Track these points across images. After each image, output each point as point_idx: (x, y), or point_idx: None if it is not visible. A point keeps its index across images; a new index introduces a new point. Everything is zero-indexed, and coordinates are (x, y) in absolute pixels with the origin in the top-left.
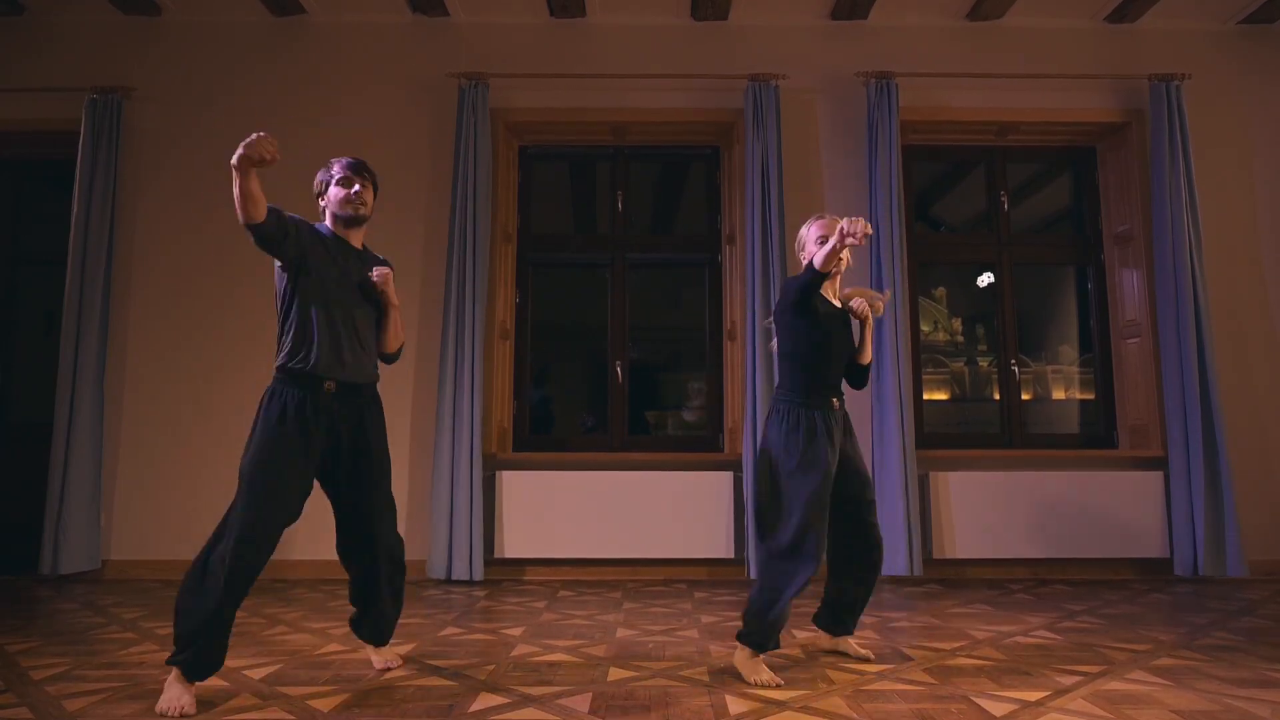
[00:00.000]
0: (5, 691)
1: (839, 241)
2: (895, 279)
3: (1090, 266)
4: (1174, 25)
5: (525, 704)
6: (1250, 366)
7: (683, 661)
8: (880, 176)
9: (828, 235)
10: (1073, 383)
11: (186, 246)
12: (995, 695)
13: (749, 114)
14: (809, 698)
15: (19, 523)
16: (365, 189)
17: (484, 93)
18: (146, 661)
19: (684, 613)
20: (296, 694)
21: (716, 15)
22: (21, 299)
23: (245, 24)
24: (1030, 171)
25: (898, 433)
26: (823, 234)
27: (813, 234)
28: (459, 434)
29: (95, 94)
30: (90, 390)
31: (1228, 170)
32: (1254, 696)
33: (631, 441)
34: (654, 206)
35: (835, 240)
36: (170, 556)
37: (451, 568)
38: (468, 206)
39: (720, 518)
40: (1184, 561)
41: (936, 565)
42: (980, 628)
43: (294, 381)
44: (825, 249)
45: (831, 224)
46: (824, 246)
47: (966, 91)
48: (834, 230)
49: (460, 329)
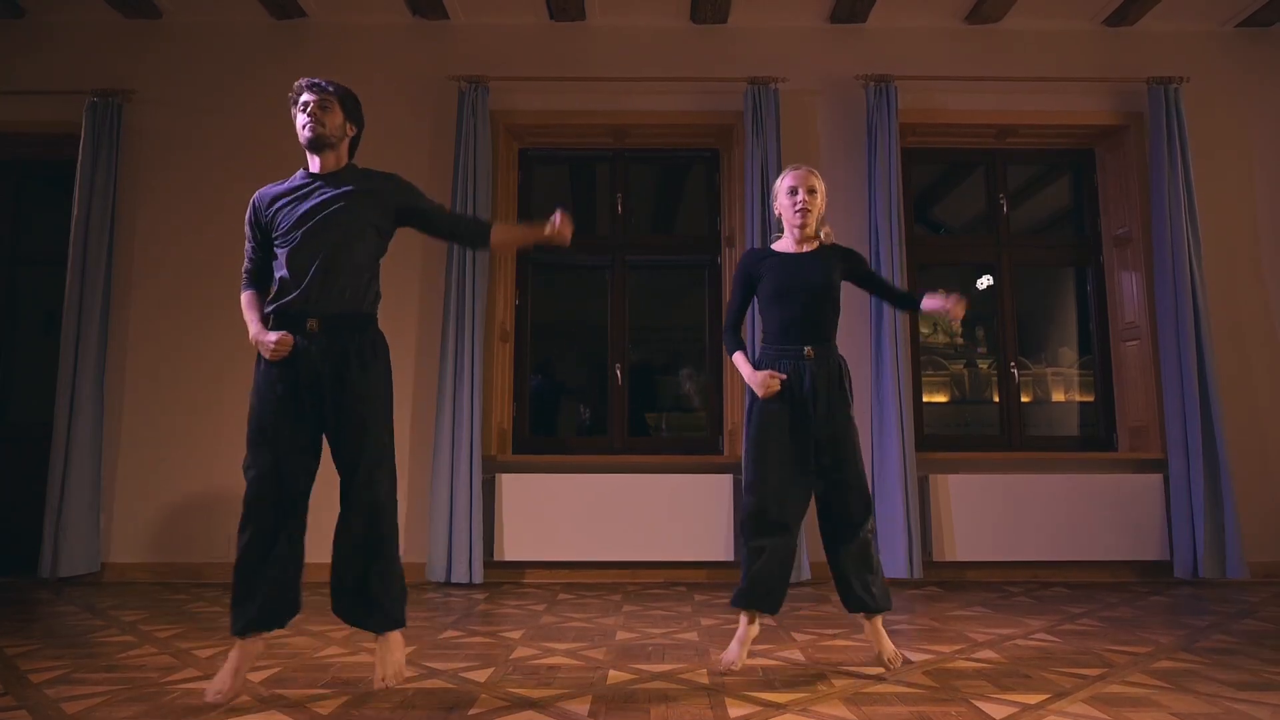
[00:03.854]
0: (4, 694)
1: (759, 391)
2: (894, 281)
3: (1090, 269)
4: (1173, 28)
5: (525, 707)
6: (1250, 368)
7: (683, 664)
8: (879, 179)
9: (797, 186)
10: (1072, 385)
11: (186, 248)
12: (995, 698)
13: (748, 116)
14: (808, 700)
15: (18, 525)
16: (320, 105)
17: (484, 95)
18: (146, 664)
19: (684, 615)
20: (296, 697)
21: (716, 18)
22: (21, 300)
23: (245, 26)
24: (1029, 174)
25: (897, 434)
26: (793, 184)
27: (784, 185)
28: (458, 436)
29: (95, 96)
30: (90, 392)
31: (1227, 172)
32: (1254, 699)
33: (631, 443)
34: (654, 208)
35: (757, 390)
36: (170, 559)
37: (451, 570)
38: (468, 208)
39: (720, 520)
40: (1184, 564)
41: (936, 568)
42: (980, 630)
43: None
44: (751, 380)
45: (804, 175)
46: (750, 375)
47: (966, 94)
48: (804, 183)
49: (460, 330)
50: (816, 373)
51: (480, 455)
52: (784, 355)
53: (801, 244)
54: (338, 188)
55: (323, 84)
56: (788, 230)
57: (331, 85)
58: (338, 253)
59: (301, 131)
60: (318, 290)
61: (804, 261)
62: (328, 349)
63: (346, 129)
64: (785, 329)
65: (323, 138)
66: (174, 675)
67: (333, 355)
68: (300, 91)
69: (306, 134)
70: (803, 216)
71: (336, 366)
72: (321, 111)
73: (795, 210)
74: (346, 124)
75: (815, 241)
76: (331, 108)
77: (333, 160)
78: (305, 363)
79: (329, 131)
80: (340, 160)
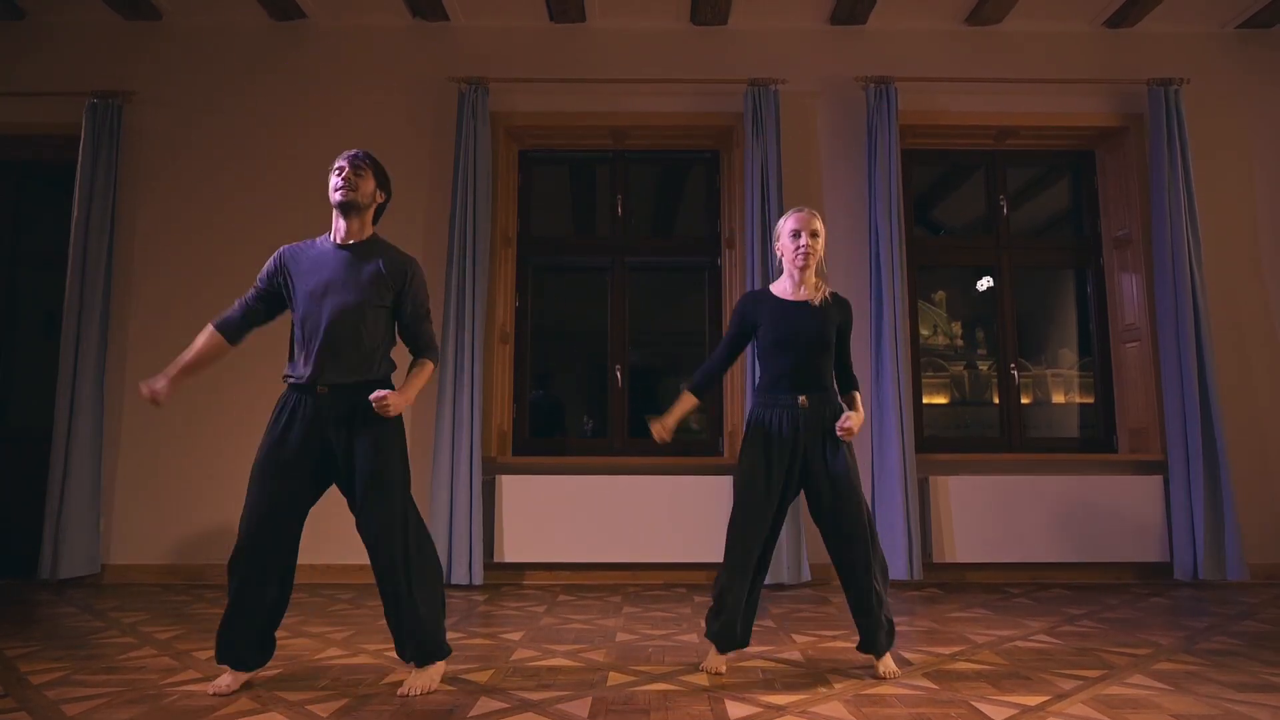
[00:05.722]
0: (5, 696)
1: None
2: (894, 282)
3: (1089, 270)
4: (1173, 29)
5: (525, 708)
6: (1250, 369)
7: (682, 666)
8: (879, 180)
9: (800, 230)
10: (1072, 386)
11: (186, 249)
12: (995, 700)
13: (748, 118)
14: (808, 702)
15: (18, 526)
16: (355, 173)
17: (484, 96)
18: (146, 666)
19: (684, 617)
20: (296, 699)
21: (716, 19)
22: (22, 301)
23: (245, 28)
24: (1029, 175)
25: (897, 436)
26: (796, 228)
27: (787, 227)
28: (459, 437)
29: (96, 97)
30: (90, 394)
31: (1227, 174)
32: (1254, 701)
33: (631, 445)
34: (654, 210)
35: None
36: (170, 561)
37: (451, 572)
38: (468, 210)
39: (720, 522)
40: (1184, 565)
41: (936, 569)
42: (980, 632)
43: (291, 388)
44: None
45: (807, 219)
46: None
47: (966, 96)
48: (807, 227)
49: (460, 332)
50: (810, 420)
51: (480, 457)
52: (778, 404)
53: (800, 287)
54: (358, 262)
55: (361, 155)
56: (788, 272)
57: (368, 157)
58: (349, 330)
59: (333, 194)
60: (328, 363)
61: (803, 313)
62: (335, 409)
63: (376, 196)
64: (781, 378)
65: (354, 202)
66: (174, 677)
67: (341, 415)
68: (338, 160)
69: (338, 197)
70: (805, 259)
71: (346, 425)
72: (356, 177)
73: (797, 254)
74: (376, 192)
75: (815, 285)
76: (365, 175)
77: (357, 227)
78: (315, 424)
79: (359, 196)
80: (364, 229)
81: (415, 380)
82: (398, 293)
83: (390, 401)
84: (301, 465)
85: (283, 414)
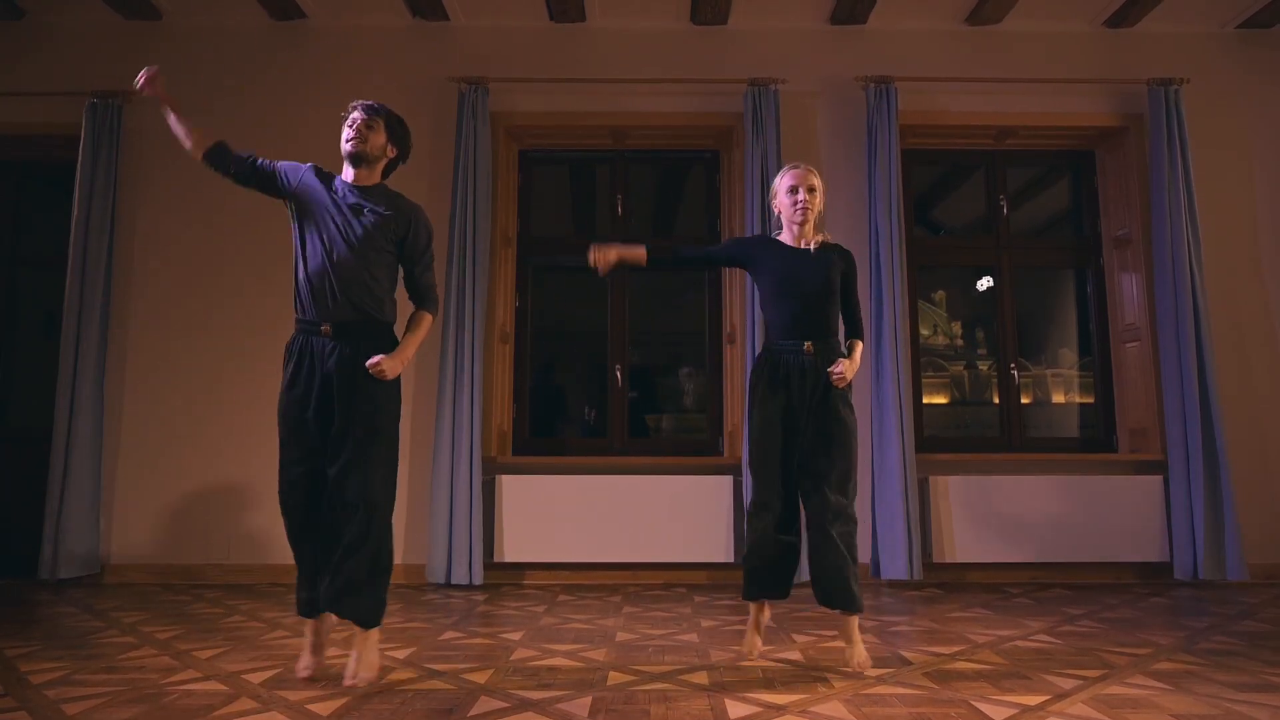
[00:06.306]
0: (5, 696)
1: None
2: (894, 282)
3: (1089, 270)
4: (1173, 29)
5: (525, 708)
6: (1250, 369)
7: (683, 665)
8: (879, 180)
9: (797, 185)
10: (1072, 386)
11: (186, 250)
12: (995, 700)
13: (748, 118)
14: (808, 702)
15: (18, 526)
16: (366, 124)
17: (484, 96)
18: (146, 665)
19: (684, 617)
20: (296, 698)
21: (716, 19)
22: (22, 301)
23: (245, 28)
24: (1029, 175)
25: (897, 436)
26: (793, 184)
27: (784, 184)
28: (458, 437)
29: (95, 97)
30: (90, 393)
31: (1227, 174)
32: (1254, 701)
33: (632, 445)
34: (654, 210)
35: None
36: (170, 560)
37: (451, 572)
38: (468, 210)
39: (720, 521)
40: (1184, 565)
41: (936, 569)
42: (980, 632)
43: (298, 327)
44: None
45: (804, 174)
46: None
47: (966, 96)
48: (804, 182)
49: (460, 332)
50: (815, 366)
51: (480, 456)
52: (785, 351)
53: (800, 241)
54: (368, 204)
55: (374, 106)
56: (786, 228)
57: (381, 109)
58: (351, 272)
59: (344, 144)
60: (332, 300)
61: (804, 259)
62: (338, 351)
63: (387, 150)
64: (786, 325)
65: (362, 154)
66: (174, 677)
67: (343, 358)
68: (352, 109)
69: (348, 147)
70: (803, 214)
71: (347, 369)
72: (367, 129)
73: (795, 209)
74: (388, 145)
75: (815, 238)
76: (376, 128)
77: (365, 174)
78: (317, 362)
79: (368, 149)
80: (373, 178)
81: (413, 337)
82: (400, 239)
83: (385, 367)
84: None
85: (291, 356)
